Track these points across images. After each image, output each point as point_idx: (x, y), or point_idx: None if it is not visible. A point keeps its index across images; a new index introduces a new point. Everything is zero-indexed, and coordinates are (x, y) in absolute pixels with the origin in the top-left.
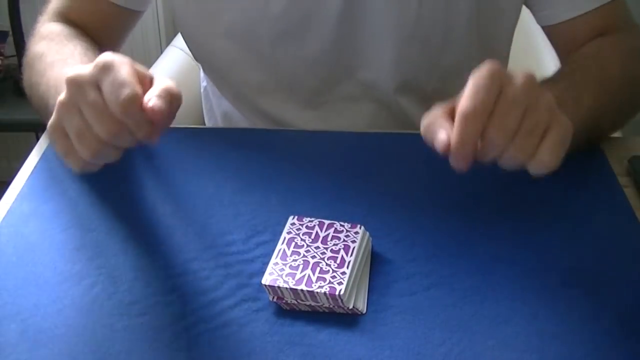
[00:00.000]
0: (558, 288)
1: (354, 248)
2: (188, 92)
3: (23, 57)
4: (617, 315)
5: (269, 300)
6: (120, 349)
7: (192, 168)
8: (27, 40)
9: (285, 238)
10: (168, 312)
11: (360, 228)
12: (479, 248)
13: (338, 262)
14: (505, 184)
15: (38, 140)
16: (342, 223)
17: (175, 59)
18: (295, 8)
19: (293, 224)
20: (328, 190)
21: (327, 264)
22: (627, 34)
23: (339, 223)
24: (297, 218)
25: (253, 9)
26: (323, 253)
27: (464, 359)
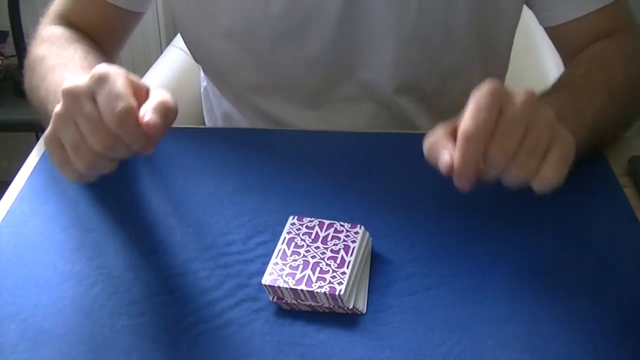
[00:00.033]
0: (558, 288)
1: (354, 248)
2: (188, 92)
3: (23, 57)
4: (617, 315)
5: (269, 300)
6: (120, 349)
7: (192, 168)
8: (27, 41)
9: (285, 238)
10: (168, 312)
11: (360, 228)
12: (479, 248)
13: (338, 262)
14: (505, 184)
15: (38, 140)
16: (342, 223)
17: (175, 59)
18: (295, 8)
19: (293, 224)
20: (328, 190)
21: (327, 264)
22: (629, 35)
23: (339, 223)
24: (297, 218)
25: (253, 10)
26: (323, 253)
27: (464, 359)
